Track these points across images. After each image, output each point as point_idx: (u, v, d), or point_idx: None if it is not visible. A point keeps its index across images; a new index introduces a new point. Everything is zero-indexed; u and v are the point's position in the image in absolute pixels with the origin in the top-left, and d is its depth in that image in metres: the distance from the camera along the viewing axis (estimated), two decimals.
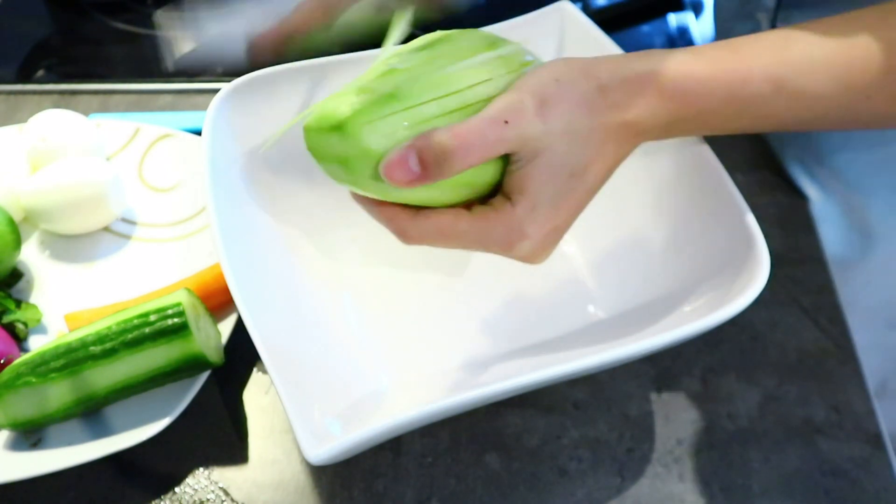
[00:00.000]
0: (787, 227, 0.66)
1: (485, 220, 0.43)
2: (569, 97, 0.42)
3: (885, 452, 0.53)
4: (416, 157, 0.40)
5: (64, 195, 0.61)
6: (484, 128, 0.40)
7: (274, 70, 0.58)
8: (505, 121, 0.40)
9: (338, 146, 0.42)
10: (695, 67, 0.43)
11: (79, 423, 0.52)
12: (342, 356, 0.55)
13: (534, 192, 0.42)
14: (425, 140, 0.40)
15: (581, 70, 0.43)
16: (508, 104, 0.41)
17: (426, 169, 0.40)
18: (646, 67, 0.43)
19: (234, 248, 0.49)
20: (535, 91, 0.42)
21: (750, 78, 0.42)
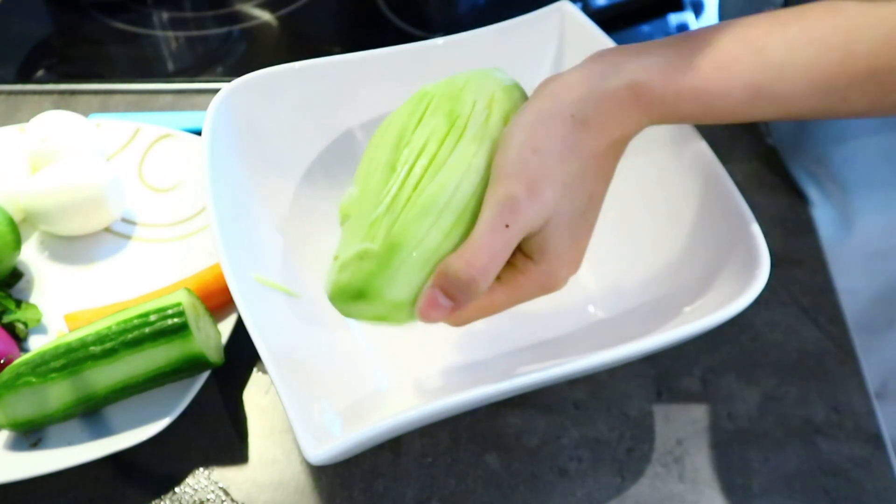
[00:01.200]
0: (787, 227, 0.66)
1: (517, 286, 0.44)
2: (553, 160, 0.42)
3: (885, 452, 0.53)
4: (443, 294, 0.42)
5: (63, 197, 0.61)
6: (490, 243, 0.41)
7: (274, 70, 0.58)
8: (505, 225, 0.41)
9: (368, 309, 0.44)
10: (672, 79, 0.42)
11: (79, 423, 0.52)
12: (342, 356, 0.55)
13: (553, 247, 0.43)
14: (444, 278, 0.42)
15: (553, 116, 0.42)
16: (501, 206, 0.41)
17: (455, 300, 0.42)
18: (618, 83, 0.42)
19: (234, 248, 0.50)
20: (519, 176, 0.42)
21: (729, 90, 0.42)
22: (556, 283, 0.45)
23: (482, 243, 0.41)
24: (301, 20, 0.91)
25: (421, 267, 0.43)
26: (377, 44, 0.61)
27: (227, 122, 0.55)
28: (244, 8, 0.93)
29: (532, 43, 0.62)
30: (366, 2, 0.92)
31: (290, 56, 0.60)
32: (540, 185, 0.41)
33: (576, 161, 0.42)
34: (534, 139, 0.42)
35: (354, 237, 0.45)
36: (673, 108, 0.42)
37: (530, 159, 0.42)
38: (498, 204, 0.41)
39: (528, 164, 0.42)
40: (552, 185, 0.42)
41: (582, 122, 0.42)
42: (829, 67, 0.41)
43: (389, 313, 0.44)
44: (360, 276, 0.44)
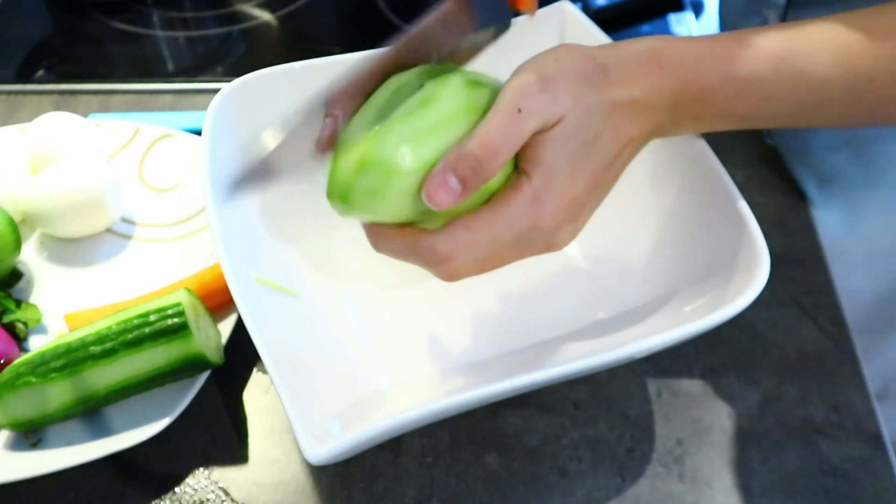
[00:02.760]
0: (787, 227, 0.66)
1: (504, 203, 0.42)
2: (570, 73, 0.42)
3: (885, 452, 0.53)
4: (454, 174, 0.40)
5: (61, 199, 0.61)
6: (503, 125, 0.40)
7: (274, 70, 0.58)
8: (518, 109, 0.41)
9: (368, 181, 0.41)
10: (693, 46, 0.43)
11: (79, 423, 0.52)
12: (342, 356, 0.55)
13: (548, 159, 0.42)
14: (456, 157, 0.40)
15: (578, 51, 0.43)
16: (515, 91, 0.41)
17: (465, 182, 0.40)
18: (643, 46, 0.44)
19: (234, 248, 0.49)
20: (536, 70, 0.42)
21: (750, 56, 0.42)
22: (542, 212, 0.42)
23: (495, 125, 0.40)
24: (301, 20, 0.91)
25: (433, 132, 0.41)
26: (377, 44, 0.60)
27: (227, 122, 0.55)
28: (244, 8, 0.93)
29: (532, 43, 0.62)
30: (365, 2, 0.92)
31: (290, 56, 0.60)
32: (555, 83, 0.41)
33: (592, 92, 0.42)
34: (556, 54, 0.43)
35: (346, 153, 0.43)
36: (692, 73, 0.43)
37: (550, 63, 0.42)
38: (512, 90, 0.41)
39: (547, 65, 0.42)
40: (566, 89, 0.42)
41: (602, 66, 0.43)
42: (852, 43, 0.41)
43: (387, 187, 0.41)
44: (369, 143, 0.41)
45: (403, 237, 0.43)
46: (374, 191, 0.41)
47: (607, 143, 0.43)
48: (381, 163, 0.41)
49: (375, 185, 0.41)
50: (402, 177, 0.41)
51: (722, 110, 0.45)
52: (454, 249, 0.42)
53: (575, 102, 0.42)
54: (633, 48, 0.44)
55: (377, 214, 0.43)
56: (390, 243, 0.44)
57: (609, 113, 0.43)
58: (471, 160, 0.40)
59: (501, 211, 0.42)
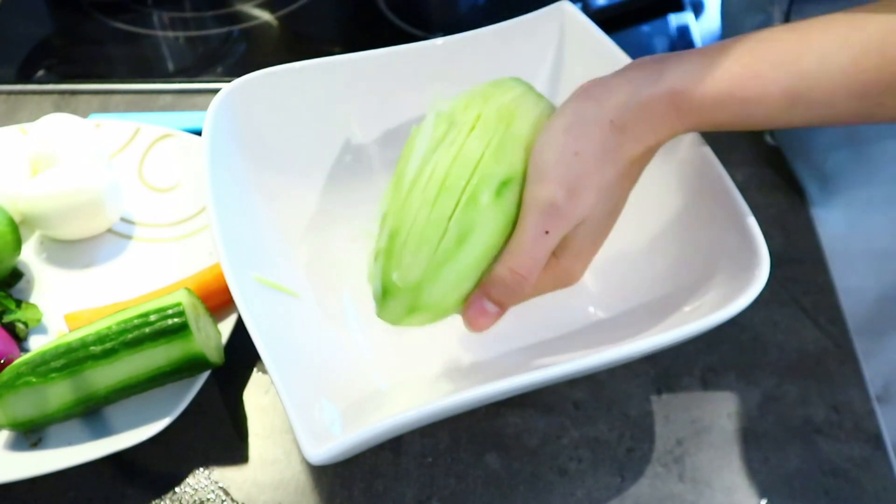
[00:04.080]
0: (787, 227, 0.66)
1: (538, 283, 0.46)
2: (593, 165, 0.43)
3: (885, 452, 0.53)
4: (490, 301, 0.46)
5: (59, 202, 0.61)
6: (532, 250, 0.44)
7: (274, 70, 0.58)
8: (545, 231, 0.43)
9: (420, 319, 0.47)
10: (711, 86, 0.43)
11: (79, 423, 0.52)
12: (342, 356, 0.55)
13: (577, 246, 0.46)
14: (491, 285, 0.45)
15: (593, 119, 0.43)
16: (542, 212, 0.43)
17: (501, 305, 0.46)
18: (658, 90, 0.43)
19: (234, 248, 0.50)
20: (560, 181, 0.43)
21: (766, 96, 0.42)
22: (572, 278, 0.47)
23: (525, 250, 0.44)
24: (301, 20, 0.91)
25: (418, 245, 0.45)
26: (377, 44, 0.61)
27: (227, 122, 0.55)
28: (244, 8, 0.93)
29: (532, 43, 0.62)
30: (366, 2, 0.92)
31: (290, 56, 0.60)
32: (580, 191, 0.43)
33: (612, 166, 0.44)
34: (575, 142, 0.43)
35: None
36: (709, 115, 0.43)
37: (572, 163, 0.43)
38: (539, 210, 0.43)
39: (570, 168, 0.43)
40: (591, 191, 0.43)
41: (620, 128, 0.43)
42: (864, 73, 0.41)
43: (419, 304, 0.46)
44: (377, 275, 0.47)
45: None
46: (424, 320, 0.48)
47: (624, 197, 0.47)
48: (430, 307, 0.46)
49: (426, 320, 0.47)
50: (449, 312, 0.47)
51: (727, 130, 0.46)
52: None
53: (598, 196, 0.44)
54: (650, 98, 0.43)
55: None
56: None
57: (628, 174, 0.45)
58: (504, 286, 0.45)
59: (535, 287, 0.46)
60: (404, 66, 0.60)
